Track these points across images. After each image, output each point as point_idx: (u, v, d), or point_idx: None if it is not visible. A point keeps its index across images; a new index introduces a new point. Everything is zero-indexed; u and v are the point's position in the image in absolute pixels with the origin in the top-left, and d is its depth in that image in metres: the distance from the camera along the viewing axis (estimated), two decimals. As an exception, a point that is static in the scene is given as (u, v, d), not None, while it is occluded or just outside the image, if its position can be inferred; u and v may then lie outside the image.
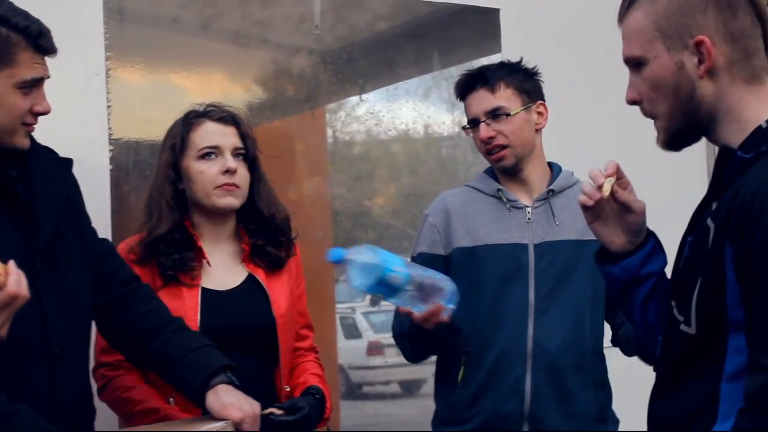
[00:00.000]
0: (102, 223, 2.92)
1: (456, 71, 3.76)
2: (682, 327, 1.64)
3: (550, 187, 2.77)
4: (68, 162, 2.39)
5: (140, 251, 2.63)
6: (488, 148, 2.73)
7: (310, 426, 2.51)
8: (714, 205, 1.63)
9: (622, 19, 1.75)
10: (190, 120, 2.65)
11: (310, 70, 3.83)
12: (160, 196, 2.63)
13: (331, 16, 3.70)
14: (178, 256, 2.58)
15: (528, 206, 2.74)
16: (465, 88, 2.79)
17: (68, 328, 2.24)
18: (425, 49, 3.99)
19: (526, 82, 2.79)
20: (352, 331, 10.93)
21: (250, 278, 2.67)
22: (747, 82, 1.65)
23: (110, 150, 3.04)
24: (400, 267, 2.34)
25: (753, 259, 1.49)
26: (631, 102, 1.76)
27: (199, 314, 2.55)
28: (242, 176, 2.62)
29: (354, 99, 3.96)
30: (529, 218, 2.72)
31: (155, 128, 2.89)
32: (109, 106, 3.03)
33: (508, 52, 3.50)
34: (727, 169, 1.63)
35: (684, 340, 1.63)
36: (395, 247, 4.49)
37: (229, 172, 2.57)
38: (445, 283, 2.45)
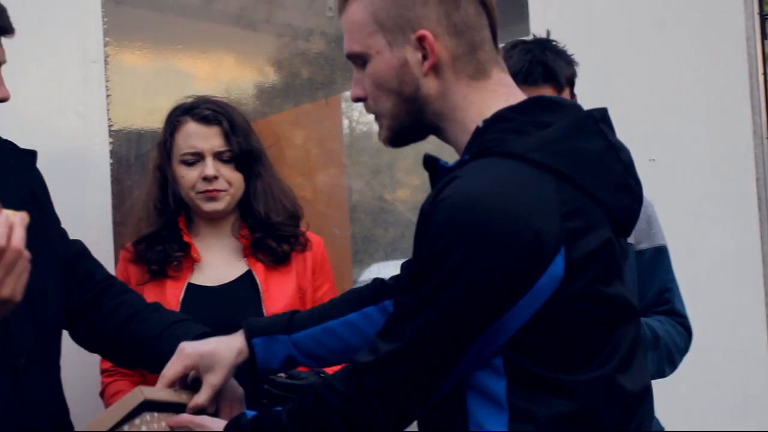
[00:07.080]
0: (102, 221, 2.78)
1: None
2: None
3: None
4: (31, 154, 2.15)
5: (133, 250, 2.56)
6: None
7: None
8: None
9: (342, 12, 1.63)
10: (174, 118, 2.52)
11: (324, 54, 3.63)
12: (148, 198, 2.57)
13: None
14: (162, 250, 2.49)
15: None
16: (531, 79, 2.42)
17: (35, 337, 2.02)
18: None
19: None
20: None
21: (248, 274, 2.53)
22: (472, 78, 1.56)
23: (110, 142, 2.85)
24: None
25: (409, 272, 1.49)
26: (356, 99, 1.66)
27: (180, 310, 2.42)
28: (227, 179, 2.49)
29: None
30: None
31: (158, 118, 2.70)
32: (108, 95, 2.84)
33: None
34: (436, 179, 1.57)
35: None
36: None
37: (207, 179, 2.46)
38: None
